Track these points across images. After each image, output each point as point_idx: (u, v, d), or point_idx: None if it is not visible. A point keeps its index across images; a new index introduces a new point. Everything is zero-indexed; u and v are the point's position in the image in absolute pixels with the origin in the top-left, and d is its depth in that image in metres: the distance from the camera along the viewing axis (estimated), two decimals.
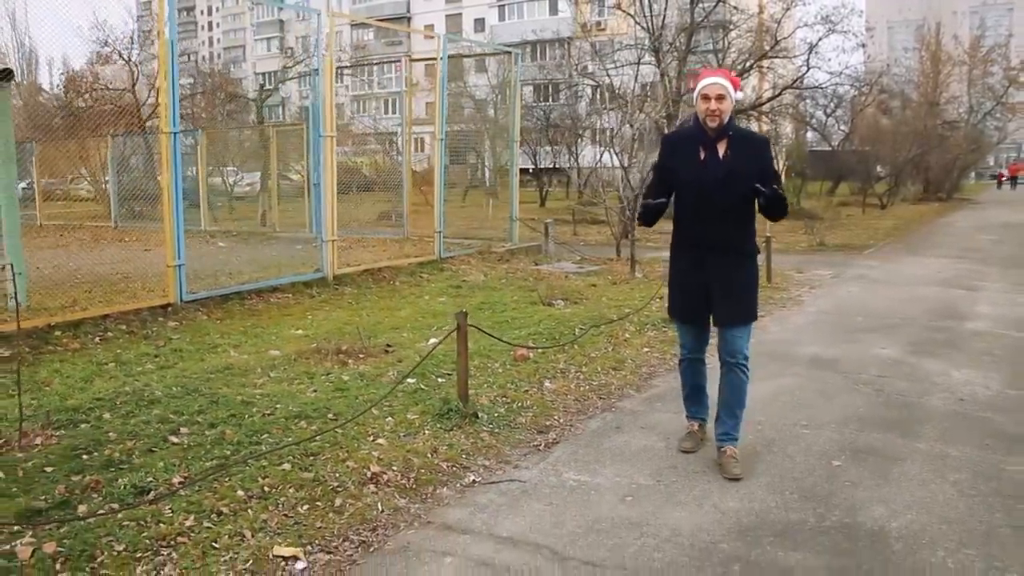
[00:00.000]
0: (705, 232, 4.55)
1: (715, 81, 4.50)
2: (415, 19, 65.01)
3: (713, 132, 4.50)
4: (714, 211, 4.50)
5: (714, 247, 4.55)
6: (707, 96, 4.46)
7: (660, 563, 3.52)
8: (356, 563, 3.53)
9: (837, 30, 25.27)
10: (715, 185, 4.46)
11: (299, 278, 10.85)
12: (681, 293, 4.73)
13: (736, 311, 4.58)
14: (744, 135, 4.76)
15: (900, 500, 4.14)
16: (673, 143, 4.86)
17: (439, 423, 5.17)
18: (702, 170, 4.51)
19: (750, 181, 4.37)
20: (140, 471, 4.34)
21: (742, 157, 4.50)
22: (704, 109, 4.48)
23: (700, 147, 4.55)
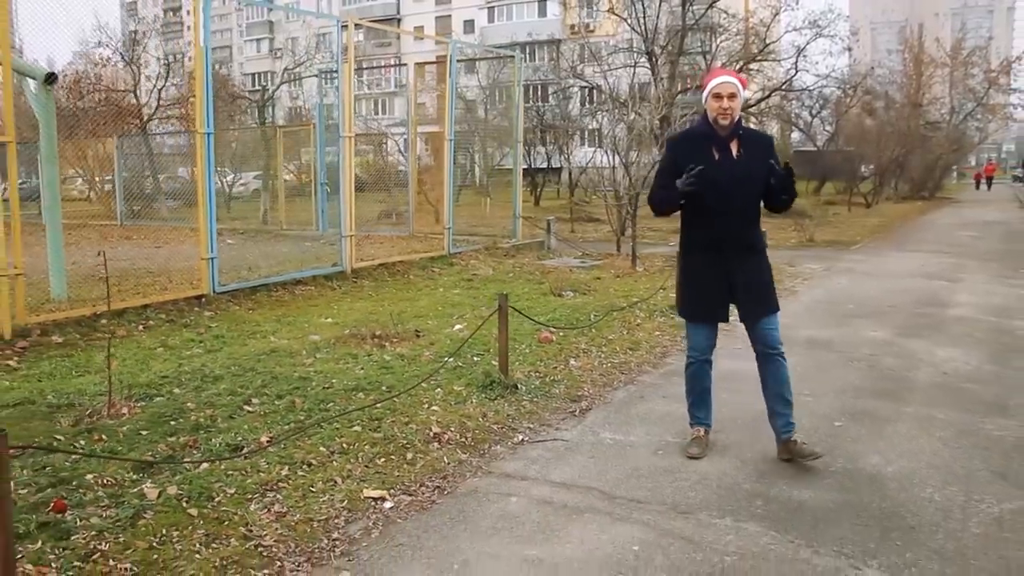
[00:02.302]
0: (724, 231, 4.60)
1: (727, 80, 4.59)
2: (405, 20, 65.50)
3: (725, 131, 4.58)
4: (731, 210, 4.57)
5: (733, 245, 4.61)
6: (719, 95, 4.53)
7: (694, 499, 4.15)
8: (435, 503, 4.14)
9: (824, 34, 26.05)
10: (732, 184, 4.54)
11: (320, 271, 11.43)
12: (699, 293, 4.74)
13: (765, 304, 4.69)
14: (752, 134, 4.84)
15: (893, 451, 4.80)
16: (683, 144, 4.86)
17: (484, 393, 5.80)
18: (718, 170, 4.53)
19: (763, 179, 4.55)
20: (229, 432, 4.94)
21: (754, 156, 4.60)
22: (716, 108, 4.55)
23: (713, 147, 4.60)
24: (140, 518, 3.80)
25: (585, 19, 45.59)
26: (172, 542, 3.61)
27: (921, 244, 17.84)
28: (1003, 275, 12.66)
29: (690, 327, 4.92)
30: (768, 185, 4.62)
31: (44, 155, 9.34)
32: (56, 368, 6.76)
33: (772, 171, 4.54)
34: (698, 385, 4.91)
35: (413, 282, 11.78)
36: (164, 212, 22.28)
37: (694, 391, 4.94)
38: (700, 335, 4.86)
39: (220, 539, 3.65)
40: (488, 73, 34.04)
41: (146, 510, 3.88)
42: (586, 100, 38.19)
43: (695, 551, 3.59)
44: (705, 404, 4.95)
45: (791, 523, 3.87)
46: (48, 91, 9.41)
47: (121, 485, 4.18)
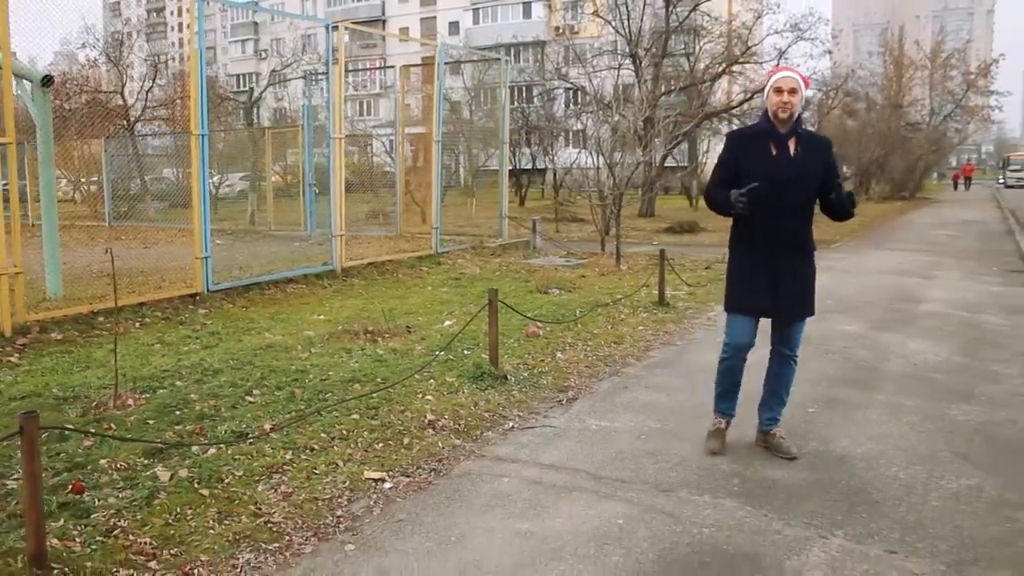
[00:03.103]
0: (777, 228, 4.59)
1: (789, 75, 4.60)
2: (390, 22, 65.67)
3: (784, 127, 4.57)
4: (786, 207, 4.57)
5: (785, 243, 4.62)
6: (780, 89, 4.52)
7: (675, 479, 4.42)
8: (431, 483, 4.40)
9: (805, 37, 26.42)
10: (788, 182, 4.53)
11: (311, 270, 11.66)
12: (750, 288, 4.70)
13: (804, 306, 4.74)
14: (810, 135, 4.82)
15: (863, 435, 5.09)
16: (741, 140, 4.87)
17: (475, 384, 6.07)
18: (774, 167, 4.55)
19: (818, 180, 4.59)
20: (233, 420, 5.19)
21: (811, 156, 4.62)
22: (777, 102, 4.52)
23: (771, 144, 4.60)
24: (155, 498, 4.05)
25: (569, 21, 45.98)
26: (187, 519, 3.86)
27: (899, 243, 18.21)
28: (976, 273, 13.02)
29: (731, 319, 4.87)
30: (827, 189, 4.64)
31: (42, 157, 9.54)
32: (58, 364, 6.97)
33: (834, 183, 4.61)
34: (729, 379, 4.91)
35: (402, 281, 12.02)
36: (151, 213, 22.42)
37: (724, 383, 4.94)
38: (743, 329, 4.81)
39: (232, 516, 3.90)
40: (473, 75, 34.30)
41: (160, 491, 4.13)
42: (570, 101, 38.49)
43: (675, 524, 3.87)
44: (732, 396, 4.93)
45: (765, 499, 4.15)
46: (45, 93, 9.61)
47: (134, 469, 4.42)
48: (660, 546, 3.65)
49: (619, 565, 3.48)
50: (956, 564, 3.49)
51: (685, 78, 28.00)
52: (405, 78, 20.54)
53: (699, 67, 28.20)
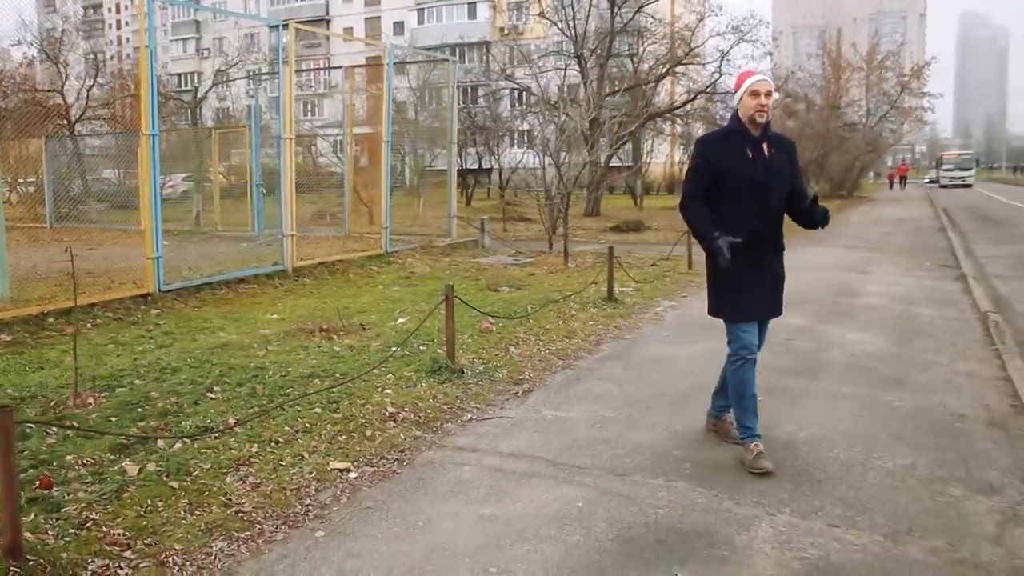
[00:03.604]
0: (759, 229, 4.57)
1: (764, 78, 4.58)
2: (334, 22, 65.25)
3: (759, 130, 4.57)
4: (766, 208, 4.58)
5: (767, 243, 4.64)
6: (757, 92, 4.51)
7: (629, 464, 4.62)
8: (395, 472, 4.55)
9: (747, 39, 26.93)
10: (766, 183, 4.55)
11: (262, 270, 11.69)
12: (743, 292, 4.64)
13: (780, 305, 4.83)
14: (779, 137, 4.81)
15: (806, 420, 5.35)
16: (715, 144, 4.76)
17: (432, 378, 6.22)
18: (752, 168, 4.54)
19: (791, 181, 4.67)
20: (196, 416, 5.28)
21: (783, 157, 4.67)
22: (754, 105, 4.51)
23: (747, 146, 4.58)
24: (124, 491, 4.14)
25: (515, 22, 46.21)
26: (158, 511, 3.96)
27: (838, 240, 18.69)
28: (910, 268, 13.48)
29: (737, 327, 4.73)
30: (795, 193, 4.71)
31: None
32: (10, 365, 6.96)
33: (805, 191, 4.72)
34: (748, 390, 4.71)
35: (353, 280, 12.11)
36: (93, 215, 22.11)
37: (744, 397, 4.72)
38: (748, 333, 4.71)
39: (203, 507, 4.01)
40: (418, 75, 34.32)
41: (129, 485, 4.22)
42: (516, 102, 38.73)
43: (632, 505, 4.06)
44: (755, 413, 4.72)
45: (716, 481, 4.37)
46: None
47: (101, 464, 4.50)
48: (618, 526, 3.84)
49: (580, 544, 3.67)
50: (892, 535, 3.74)
51: (630, 79, 28.35)
52: (349, 78, 20.52)
53: (643, 68, 28.61)
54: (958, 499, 4.15)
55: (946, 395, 6.00)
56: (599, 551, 3.60)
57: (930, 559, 3.53)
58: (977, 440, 5.05)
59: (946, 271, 13.14)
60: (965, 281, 11.85)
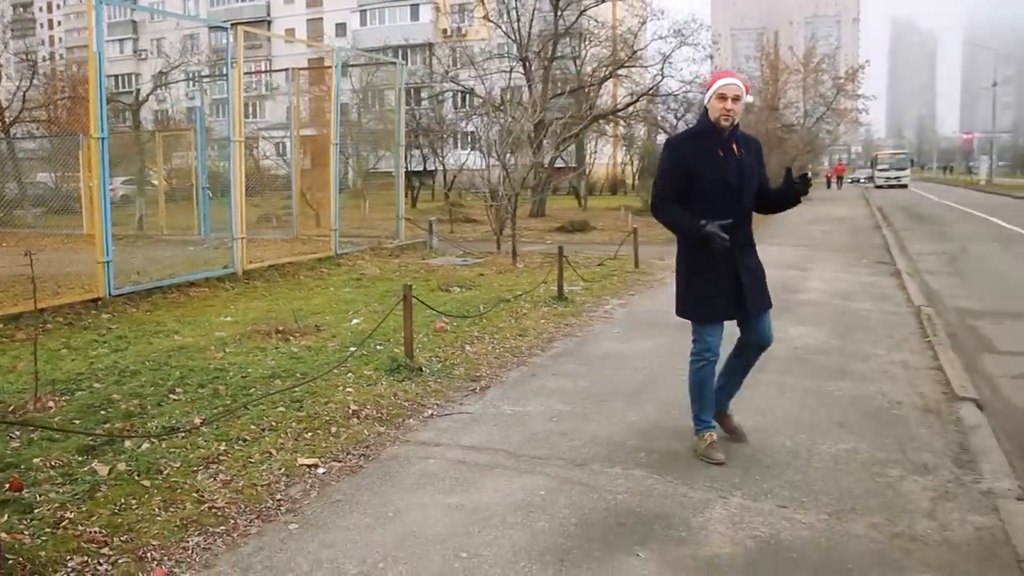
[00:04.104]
0: (734, 229, 4.57)
1: (733, 82, 4.60)
2: (276, 23, 64.67)
3: (727, 129, 4.63)
4: (738, 207, 4.63)
5: (739, 242, 4.65)
6: (724, 96, 4.55)
7: (587, 454, 4.83)
8: (362, 467, 4.69)
9: (688, 43, 27.40)
10: (738, 182, 4.62)
11: (212, 273, 11.69)
12: (712, 293, 4.67)
13: (766, 297, 4.83)
14: (746, 136, 4.85)
15: (753, 409, 5.60)
16: (686, 144, 4.82)
17: (392, 376, 6.36)
18: (724, 168, 4.60)
19: (758, 178, 4.76)
20: (161, 417, 5.36)
21: (752, 155, 4.75)
22: (720, 108, 4.56)
23: (718, 146, 4.63)
24: (97, 491, 4.22)
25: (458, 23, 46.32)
26: (132, 508, 4.05)
27: (778, 238, 19.16)
28: (848, 265, 13.95)
29: (704, 328, 4.76)
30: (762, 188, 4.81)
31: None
32: None
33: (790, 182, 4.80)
34: (707, 389, 4.82)
35: (304, 282, 12.16)
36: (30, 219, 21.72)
37: (703, 395, 4.83)
38: (714, 334, 4.76)
39: (176, 504, 4.11)
40: (361, 77, 34.27)
41: (101, 484, 4.29)
42: (459, 103, 38.86)
43: (592, 492, 4.26)
44: (711, 407, 4.88)
45: (671, 468, 4.59)
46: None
47: (69, 465, 4.56)
48: (580, 512, 4.03)
49: (545, 529, 3.85)
50: (836, 513, 3.99)
51: (573, 81, 28.68)
52: (297, 81, 20.48)
53: (586, 71, 28.97)
54: (896, 479, 4.42)
55: (884, 384, 6.32)
56: (563, 535, 3.79)
57: (871, 533, 3.78)
58: (913, 425, 5.35)
59: (882, 267, 13.62)
60: (900, 277, 12.32)
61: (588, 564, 3.52)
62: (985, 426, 5.36)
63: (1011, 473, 4.53)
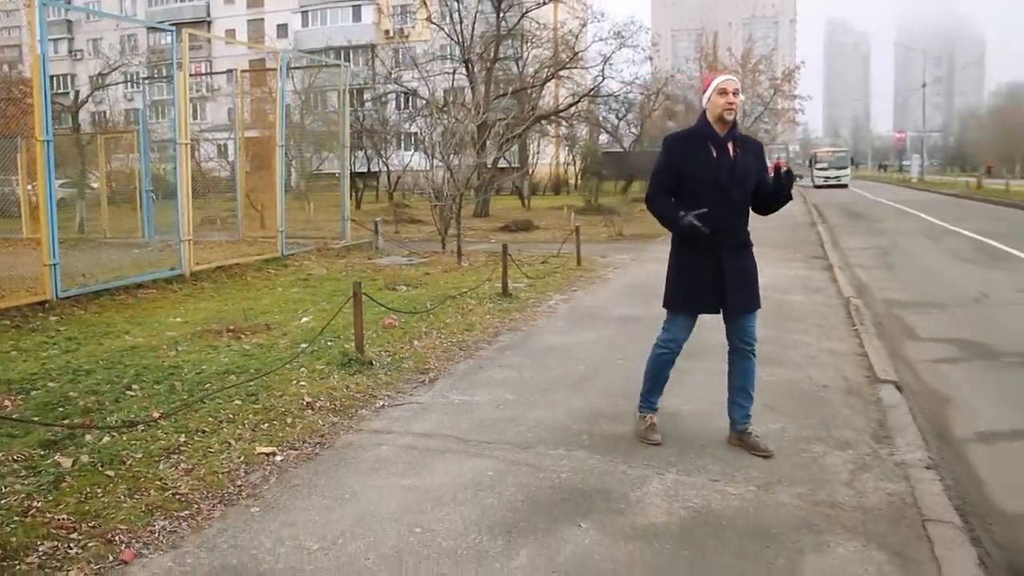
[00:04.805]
0: (723, 227, 4.70)
1: (732, 77, 4.76)
2: (216, 24, 63.99)
3: (724, 129, 4.72)
4: (729, 206, 4.73)
5: (728, 241, 4.77)
6: (726, 91, 4.67)
7: (532, 439, 5.10)
8: (318, 454, 4.91)
9: (628, 44, 27.91)
10: (730, 182, 4.70)
11: (159, 275, 11.75)
12: (693, 287, 4.81)
13: (752, 298, 4.95)
14: (745, 137, 4.93)
15: (690, 396, 5.94)
16: (681, 143, 4.92)
17: (344, 370, 6.58)
18: (717, 168, 4.69)
19: (755, 179, 4.82)
20: (120, 412, 5.52)
21: (747, 157, 4.81)
22: (723, 103, 4.66)
23: (712, 146, 4.73)
24: (62, 482, 4.38)
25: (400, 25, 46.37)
26: (98, 497, 4.22)
27: None
28: (784, 260, 14.44)
29: (673, 318, 4.99)
30: (762, 188, 4.88)
31: None
32: None
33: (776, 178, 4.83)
34: (662, 374, 5.05)
35: (251, 283, 12.28)
36: None
37: (656, 379, 5.07)
38: (681, 326, 4.96)
39: (141, 491, 4.29)
40: (303, 78, 34.21)
41: (65, 476, 4.45)
42: (403, 104, 38.96)
43: (537, 472, 4.54)
44: (660, 391, 5.12)
45: (611, 449, 4.88)
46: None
47: (32, 459, 4.70)
48: (526, 490, 4.30)
49: (494, 505, 4.11)
50: (764, 485, 4.32)
51: (516, 82, 29.01)
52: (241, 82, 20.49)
53: (528, 72, 29.32)
54: (820, 454, 4.78)
55: (812, 370, 6.70)
56: (511, 510, 4.06)
57: (795, 502, 4.12)
58: (837, 406, 5.74)
59: (816, 262, 14.13)
60: (832, 271, 12.82)
61: (534, 535, 3.79)
62: (903, 405, 5.76)
63: (923, 446, 4.92)
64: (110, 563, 3.62)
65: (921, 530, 3.80)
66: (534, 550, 3.65)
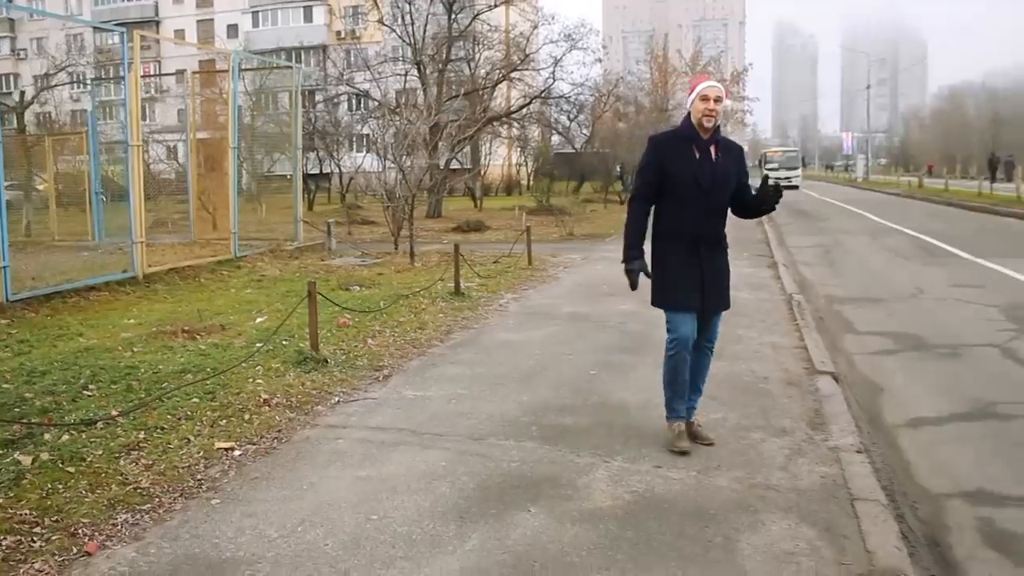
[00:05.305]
0: (701, 227, 4.83)
1: (714, 84, 4.81)
2: (164, 24, 63.17)
3: (707, 134, 4.79)
4: (709, 208, 4.83)
5: (708, 241, 4.87)
6: (707, 97, 4.72)
7: (484, 431, 5.29)
8: (276, 448, 5.05)
9: (578, 47, 28.23)
10: (711, 184, 4.78)
11: (112, 277, 11.74)
12: (681, 283, 4.85)
13: (724, 299, 5.04)
14: (728, 141, 5.03)
15: (635, 388, 6.17)
16: (665, 143, 4.98)
17: (299, 367, 6.72)
18: (699, 169, 4.77)
19: (735, 182, 4.91)
20: (78, 411, 5.60)
21: (728, 160, 4.90)
22: (703, 109, 4.73)
23: (695, 148, 4.80)
24: (22, 479, 4.47)
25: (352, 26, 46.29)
26: (60, 492, 4.32)
27: None
28: (732, 258, 14.37)
29: (675, 316, 4.93)
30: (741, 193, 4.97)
31: None
32: None
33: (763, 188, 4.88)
34: (679, 377, 4.95)
35: (205, 284, 12.31)
36: None
37: (675, 383, 4.98)
38: (686, 324, 4.91)
39: (102, 487, 4.40)
40: (254, 79, 34.04)
41: (25, 473, 4.55)
42: (355, 106, 38.93)
43: (488, 461, 4.73)
44: (683, 397, 5.00)
45: (559, 439, 5.09)
46: None
47: None
48: (478, 478, 4.49)
49: (447, 493, 4.30)
50: (704, 470, 4.56)
51: (468, 84, 29.20)
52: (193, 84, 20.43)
53: (480, 73, 29.53)
54: (758, 441, 5.03)
55: (753, 363, 6.98)
56: (463, 497, 4.24)
57: (733, 485, 4.35)
58: (776, 396, 6.01)
59: (761, 260, 14.49)
60: (776, 268, 13.17)
61: (485, 520, 3.98)
62: (839, 395, 6.05)
63: (856, 432, 5.20)
64: (74, 555, 3.73)
65: (850, 508, 4.06)
66: (485, 533, 3.83)
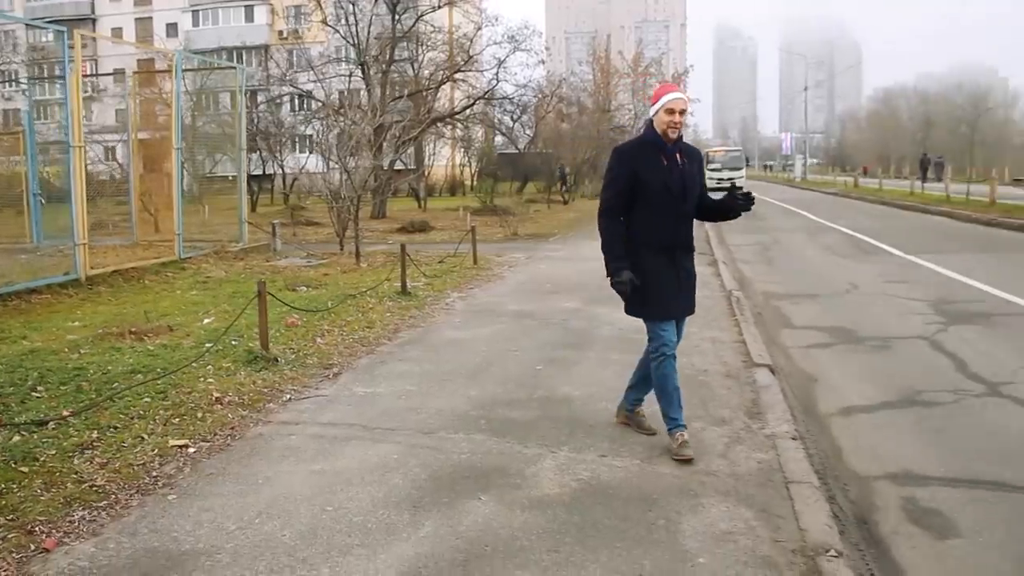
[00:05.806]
0: (674, 233, 4.89)
1: (680, 96, 4.81)
2: (100, 22, 61.98)
3: (672, 142, 4.83)
4: (679, 213, 4.89)
5: (680, 246, 4.95)
6: (672, 110, 4.74)
7: (433, 425, 5.44)
8: (230, 445, 5.14)
9: (521, 48, 28.47)
10: (681, 189, 4.84)
11: (53, 280, 11.62)
12: (661, 292, 4.89)
13: (692, 303, 5.11)
14: (689, 147, 5.04)
15: (580, 382, 6.38)
16: (632, 153, 4.97)
17: (250, 367, 6.80)
18: (668, 176, 4.81)
19: (698, 187, 4.99)
20: (28, 412, 5.63)
21: (694, 165, 4.97)
22: (668, 121, 4.75)
23: (662, 155, 4.83)
24: None
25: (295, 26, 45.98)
26: (14, 492, 4.37)
27: None
28: None
29: (657, 325, 4.97)
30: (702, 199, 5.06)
31: None
32: None
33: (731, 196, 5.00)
34: (670, 384, 4.94)
35: (150, 286, 12.26)
36: None
37: (667, 390, 4.96)
38: (669, 330, 4.96)
39: (57, 485, 4.46)
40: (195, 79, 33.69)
41: None
42: (298, 106, 38.72)
43: (439, 454, 4.88)
44: (678, 404, 4.97)
45: (507, 432, 5.26)
46: None
47: None
48: (429, 470, 4.64)
49: (399, 484, 4.44)
50: (648, 459, 4.77)
51: (411, 85, 29.27)
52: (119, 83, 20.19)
53: (424, 74, 29.61)
54: (699, 430, 5.24)
55: (694, 357, 7.21)
56: (416, 488, 4.39)
57: (675, 471, 4.57)
58: (715, 388, 6.25)
59: (702, 258, 14.79)
60: (717, 266, 13.51)
61: (438, 508, 4.13)
62: (775, 386, 6.31)
63: (791, 420, 5.46)
64: (32, 552, 3.79)
65: (784, 491, 4.29)
66: (438, 521, 3.99)
